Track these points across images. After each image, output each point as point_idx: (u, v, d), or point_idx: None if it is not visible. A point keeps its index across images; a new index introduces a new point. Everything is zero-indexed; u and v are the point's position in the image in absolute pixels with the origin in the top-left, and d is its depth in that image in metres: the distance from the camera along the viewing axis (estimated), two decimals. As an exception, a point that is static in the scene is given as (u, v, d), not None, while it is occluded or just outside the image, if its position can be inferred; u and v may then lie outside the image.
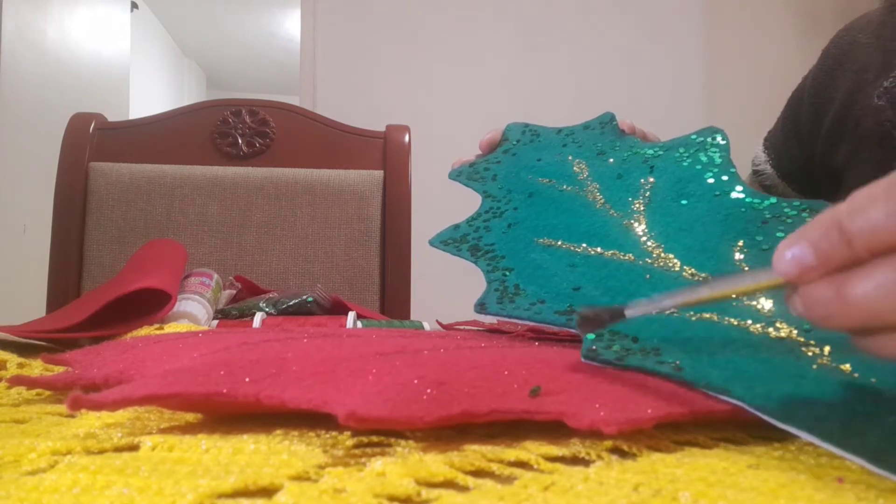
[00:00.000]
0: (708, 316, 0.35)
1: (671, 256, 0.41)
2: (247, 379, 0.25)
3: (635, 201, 0.46)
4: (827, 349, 0.30)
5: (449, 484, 0.19)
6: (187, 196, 0.97)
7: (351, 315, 0.61)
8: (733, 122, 1.03)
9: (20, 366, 0.38)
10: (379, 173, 1.00)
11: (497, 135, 0.58)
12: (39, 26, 2.21)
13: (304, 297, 0.67)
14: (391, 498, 0.18)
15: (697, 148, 0.49)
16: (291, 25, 4.29)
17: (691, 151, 0.49)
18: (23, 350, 0.42)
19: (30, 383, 0.30)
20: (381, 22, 1.83)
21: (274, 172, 0.99)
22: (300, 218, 0.98)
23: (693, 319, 0.35)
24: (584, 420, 0.22)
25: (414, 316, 0.92)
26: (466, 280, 0.62)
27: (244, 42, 4.66)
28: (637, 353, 0.30)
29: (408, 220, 0.99)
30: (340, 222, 0.98)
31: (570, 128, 0.57)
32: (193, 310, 0.57)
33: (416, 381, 0.25)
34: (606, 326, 0.31)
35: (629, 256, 0.42)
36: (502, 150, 0.56)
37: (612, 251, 0.42)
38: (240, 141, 1.01)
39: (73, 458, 0.21)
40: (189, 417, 0.27)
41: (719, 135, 0.49)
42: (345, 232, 0.98)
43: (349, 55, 1.82)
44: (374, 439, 0.23)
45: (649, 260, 0.41)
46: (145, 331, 0.50)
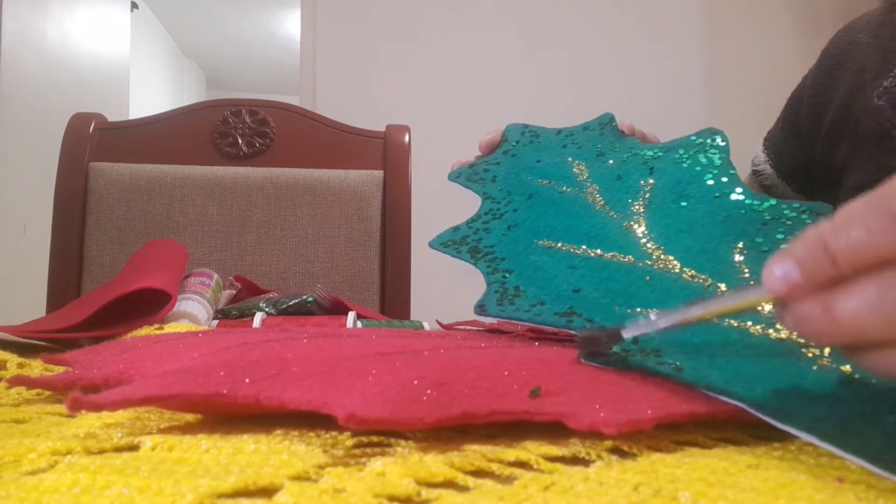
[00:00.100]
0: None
1: (671, 258, 0.41)
2: (247, 380, 0.25)
3: (635, 203, 0.46)
4: (827, 350, 0.30)
5: (449, 484, 0.19)
6: (187, 196, 0.97)
7: (351, 315, 0.61)
8: (733, 123, 1.03)
9: (20, 366, 0.38)
10: (379, 173, 1.00)
11: (496, 135, 0.58)
12: (39, 26, 2.21)
13: (304, 297, 0.67)
14: (391, 498, 0.18)
15: (697, 149, 0.49)
16: (291, 25, 4.29)
17: (691, 153, 0.49)
18: (23, 350, 0.42)
19: (30, 383, 0.30)
20: (381, 22, 1.83)
21: (274, 172, 0.99)
22: (300, 218, 0.98)
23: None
24: (584, 421, 0.22)
25: (414, 316, 0.92)
26: (466, 280, 0.62)
27: (244, 42, 4.66)
28: (637, 354, 0.30)
29: (408, 220, 0.99)
30: (340, 222, 0.99)
31: (570, 129, 0.57)
32: (193, 310, 0.58)
33: (416, 382, 0.25)
34: (605, 347, 0.31)
35: (629, 258, 0.42)
36: (502, 151, 0.56)
37: (612, 253, 0.42)
38: (240, 141, 1.01)
39: (73, 458, 0.21)
40: (189, 417, 0.27)
41: (719, 136, 0.49)
42: (345, 232, 0.98)
43: (349, 55, 1.82)
44: (374, 439, 0.23)
45: (649, 262, 0.41)
46: (145, 331, 0.50)
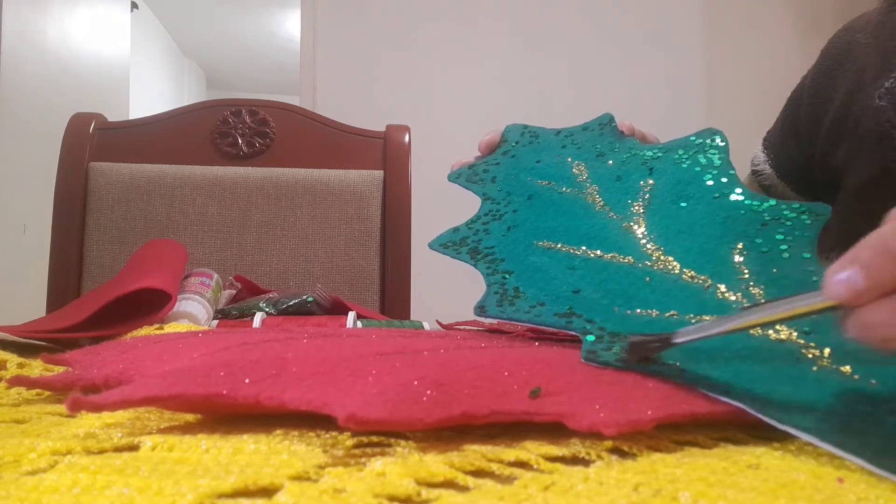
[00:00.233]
0: (708, 318, 0.35)
1: (671, 259, 0.41)
2: (246, 380, 0.25)
3: (635, 203, 0.46)
4: (827, 351, 0.30)
5: (449, 484, 0.19)
6: (187, 196, 0.97)
7: (351, 315, 0.61)
8: (733, 123, 1.03)
9: (20, 366, 0.38)
10: (379, 173, 1.00)
11: (496, 136, 0.57)
12: (39, 26, 2.21)
13: (304, 297, 0.67)
14: (391, 498, 0.18)
15: (696, 150, 0.49)
16: (291, 25, 4.29)
17: (690, 153, 0.49)
18: (23, 350, 0.42)
19: (30, 383, 0.30)
20: (382, 22, 1.83)
21: (274, 172, 0.99)
22: (300, 218, 0.98)
23: (693, 321, 0.35)
24: (584, 421, 0.22)
25: (414, 316, 0.92)
26: (466, 280, 0.62)
27: (244, 42, 4.66)
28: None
29: (408, 220, 0.99)
30: (340, 222, 0.99)
31: (569, 129, 0.57)
32: (193, 310, 0.58)
33: (416, 382, 0.25)
34: (655, 354, 0.30)
35: (629, 259, 0.42)
36: (501, 152, 0.56)
37: (612, 254, 0.42)
38: (240, 141, 1.01)
39: (73, 458, 0.21)
40: (189, 417, 0.27)
41: (718, 136, 0.49)
42: (345, 232, 0.98)
43: (349, 55, 1.82)
44: (374, 439, 0.23)
45: (649, 262, 0.41)
46: (145, 331, 0.50)
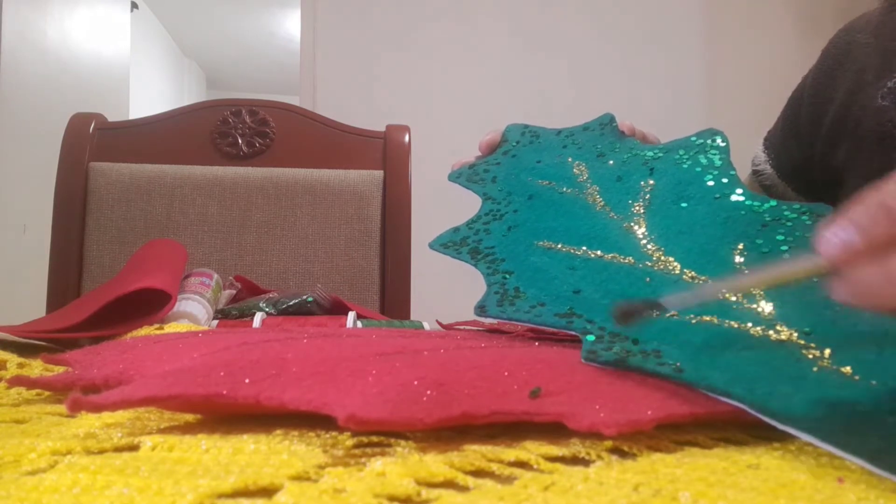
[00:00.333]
0: (708, 318, 0.35)
1: (671, 259, 0.41)
2: (246, 380, 0.25)
3: (635, 204, 0.46)
4: (827, 352, 0.30)
5: (449, 484, 0.19)
6: (187, 196, 0.97)
7: (351, 315, 0.61)
8: (733, 123, 1.03)
9: (20, 366, 0.38)
10: (379, 173, 1.00)
11: (496, 136, 0.57)
12: (39, 26, 2.21)
13: (304, 297, 0.67)
14: (391, 498, 0.18)
15: (697, 150, 0.49)
16: (291, 25, 4.29)
17: (691, 153, 0.49)
18: (23, 350, 0.42)
19: (30, 383, 0.30)
20: (382, 22, 1.83)
21: (274, 172, 0.99)
22: (300, 218, 0.98)
23: (693, 322, 0.35)
24: (584, 422, 0.22)
25: (414, 316, 0.92)
26: (466, 280, 0.62)
27: (244, 42, 4.66)
28: (637, 355, 0.30)
29: (408, 220, 0.99)
30: (340, 222, 0.99)
31: (570, 129, 0.57)
32: (193, 310, 0.58)
33: (416, 382, 0.25)
34: (644, 316, 0.31)
35: (629, 259, 0.42)
36: (502, 152, 0.56)
37: (613, 254, 0.42)
38: (240, 141, 1.01)
39: (73, 458, 0.21)
40: (189, 417, 0.27)
41: (719, 137, 0.49)
42: (345, 232, 0.98)
43: (349, 55, 1.82)
44: (374, 439, 0.23)
45: (649, 263, 0.41)
46: (145, 331, 0.50)
